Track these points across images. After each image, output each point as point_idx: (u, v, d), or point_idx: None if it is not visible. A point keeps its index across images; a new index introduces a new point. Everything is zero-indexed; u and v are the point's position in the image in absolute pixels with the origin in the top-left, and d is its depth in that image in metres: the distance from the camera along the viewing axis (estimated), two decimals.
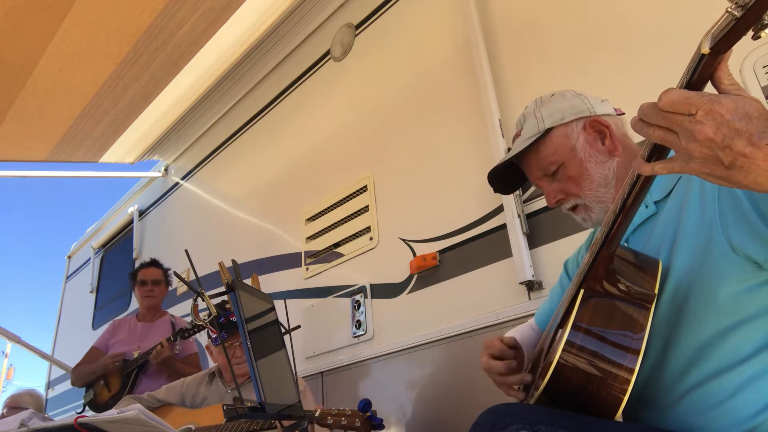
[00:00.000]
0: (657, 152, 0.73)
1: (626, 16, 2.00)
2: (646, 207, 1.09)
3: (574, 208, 1.18)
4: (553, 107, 1.20)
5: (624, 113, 1.24)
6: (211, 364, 2.55)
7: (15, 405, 4.01)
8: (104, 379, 3.12)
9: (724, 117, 0.60)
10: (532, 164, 1.21)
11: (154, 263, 3.36)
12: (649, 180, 0.81)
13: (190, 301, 3.44)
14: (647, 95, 0.69)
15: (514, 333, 1.43)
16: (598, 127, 1.18)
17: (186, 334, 2.91)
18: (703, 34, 0.62)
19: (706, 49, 0.62)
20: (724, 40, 0.60)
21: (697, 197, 0.95)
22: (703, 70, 0.64)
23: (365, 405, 1.71)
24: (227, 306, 2.24)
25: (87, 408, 3.15)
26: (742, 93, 0.63)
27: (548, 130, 1.18)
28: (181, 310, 3.92)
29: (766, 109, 0.61)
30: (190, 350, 3.20)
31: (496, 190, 1.34)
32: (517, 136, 1.26)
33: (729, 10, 0.57)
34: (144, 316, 3.33)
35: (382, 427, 1.74)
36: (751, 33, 0.57)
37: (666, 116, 0.64)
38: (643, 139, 0.69)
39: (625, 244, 1.11)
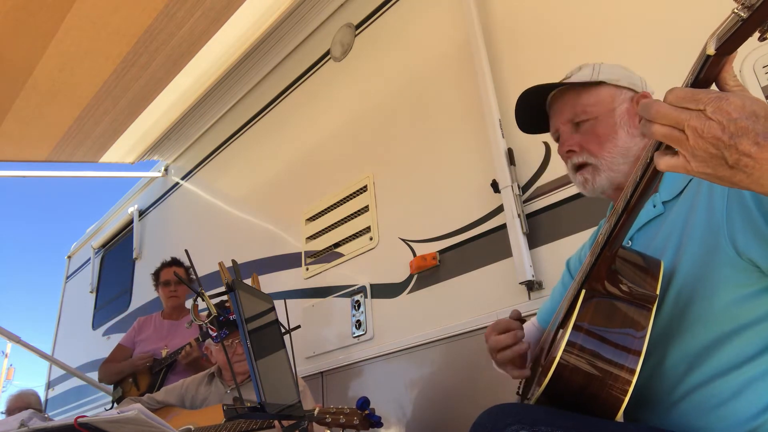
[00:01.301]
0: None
1: (628, 16, 2.00)
2: (654, 206, 1.08)
3: (580, 167, 1.15)
4: (613, 69, 1.21)
5: None
6: None
7: (15, 405, 4.01)
8: (133, 377, 3.17)
9: (732, 115, 0.60)
10: (566, 104, 1.19)
11: (175, 262, 3.34)
12: (652, 182, 0.81)
13: (190, 301, 3.44)
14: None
15: None
16: None
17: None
18: (707, 34, 0.62)
19: (711, 50, 0.61)
20: (730, 41, 0.59)
21: (706, 200, 0.95)
22: (709, 71, 0.64)
23: (363, 403, 1.71)
24: (227, 305, 2.23)
25: (115, 405, 3.20)
26: (746, 94, 0.63)
27: (599, 83, 1.18)
28: None
29: None
30: None
31: (518, 119, 1.29)
32: (564, 79, 1.24)
33: (735, 11, 0.56)
34: (169, 314, 3.35)
35: (381, 424, 1.75)
36: (757, 34, 0.57)
37: (672, 113, 0.64)
38: None
39: (629, 243, 1.11)
